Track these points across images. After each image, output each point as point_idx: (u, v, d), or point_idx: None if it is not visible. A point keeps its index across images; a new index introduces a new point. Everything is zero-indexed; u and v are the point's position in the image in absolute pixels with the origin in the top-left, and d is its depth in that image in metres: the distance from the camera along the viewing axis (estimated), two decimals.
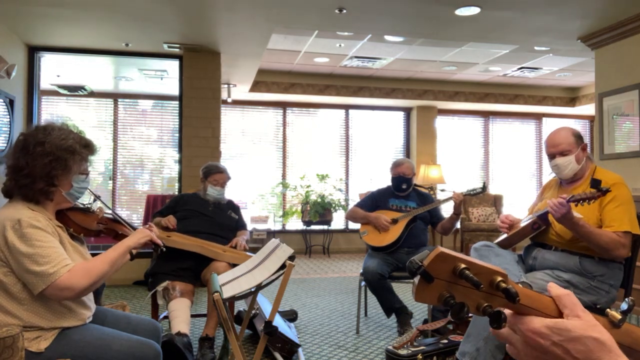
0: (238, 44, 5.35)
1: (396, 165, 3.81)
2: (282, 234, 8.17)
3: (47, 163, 1.73)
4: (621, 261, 2.36)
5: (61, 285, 1.61)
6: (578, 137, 2.45)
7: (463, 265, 0.66)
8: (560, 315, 0.70)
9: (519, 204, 8.65)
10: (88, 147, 1.86)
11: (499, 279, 0.67)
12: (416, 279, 0.66)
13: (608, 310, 0.73)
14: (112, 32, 5.00)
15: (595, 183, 2.19)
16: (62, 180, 1.78)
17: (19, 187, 1.73)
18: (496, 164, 9.14)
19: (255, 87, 7.48)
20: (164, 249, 1.98)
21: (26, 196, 1.74)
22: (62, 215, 1.87)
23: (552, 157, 2.44)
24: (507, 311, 0.71)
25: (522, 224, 2.50)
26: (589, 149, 2.51)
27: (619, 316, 0.72)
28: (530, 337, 0.69)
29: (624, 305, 0.73)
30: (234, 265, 2.77)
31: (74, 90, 7.08)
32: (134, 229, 2.11)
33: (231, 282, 1.96)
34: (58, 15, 4.51)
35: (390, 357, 2.71)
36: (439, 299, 0.66)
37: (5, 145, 4.82)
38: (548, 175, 2.66)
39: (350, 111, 8.67)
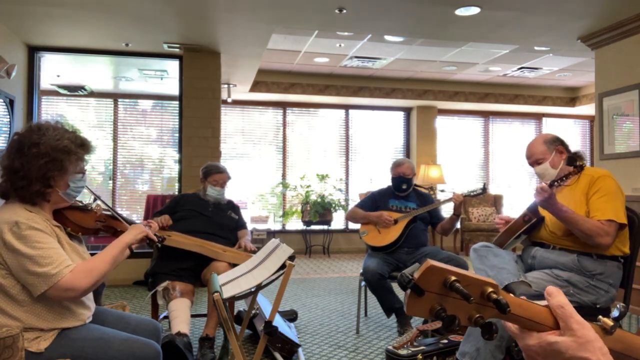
0: (238, 44, 5.35)
1: (396, 165, 3.81)
2: (282, 234, 8.17)
3: (43, 164, 1.71)
4: (620, 260, 2.37)
5: (64, 286, 1.61)
6: (550, 142, 2.53)
7: (453, 278, 0.66)
8: (554, 323, 0.70)
9: (519, 204, 8.66)
10: (84, 147, 1.84)
11: (490, 289, 0.68)
12: (407, 293, 0.66)
13: (600, 317, 0.73)
14: (112, 32, 5.00)
15: (570, 160, 2.28)
16: (58, 181, 1.77)
17: (15, 189, 1.72)
18: (496, 164, 9.15)
19: (255, 87, 7.48)
20: (159, 244, 1.99)
21: (23, 198, 1.72)
22: (60, 214, 1.85)
23: (531, 166, 2.58)
24: (510, 327, 0.72)
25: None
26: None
27: (611, 323, 0.72)
28: (528, 353, 0.71)
29: (616, 312, 0.74)
30: (234, 265, 2.77)
31: (74, 90, 7.08)
32: (132, 224, 2.10)
33: (231, 282, 1.96)
34: (58, 15, 4.51)
35: (390, 357, 2.71)
36: (430, 311, 0.67)
37: (5, 145, 4.82)
38: None
39: (350, 111, 8.67)
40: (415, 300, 0.66)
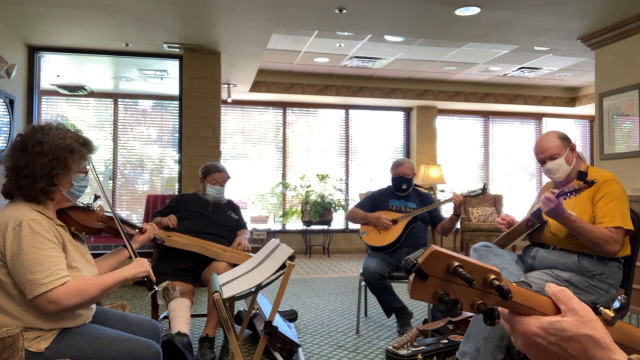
0: (238, 44, 5.35)
1: (397, 165, 3.81)
2: (282, 234, 8.17)
3: (47, 162, 1.73)
4: (620, 260, 2.37)
5: (50, 298, 1.59)
6: (565, 139, 2.47)
7: (457, 263, 0.67)
8: (555, 313, 0.70)
9: (519, 204, 8.66)
10: (86, 146, 1.86)
11: (492, 276, 0.68)
12: (411, 277, 0.67)
13: (601, 308, 0.73)
14: (112, 32, 5.00)
15: (581, 175, 2.21)
16: (62, 179, 1.78)
17: (20, 188, 1.73)
18: (496, 164, 9.14)
19: (255, 87, 7.48)
20: (156, 287, 1.99)
21: (27, 196, 1.73)
22: (63, 214, 1.87)
23: (542, 162, 2.49)
24: (504, 311, 0.72)
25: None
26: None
27: (611, 314, 0.73)
28: (528, 337, 0.70)
29: (617, 303, 0.74)
30: (234, 265, 2.77)
31: (74, 90, 7.08)
32: (133, 226, 2.11)
33: (231, 282, 1.96)
34: (58, 15, 4.51)
35: (390, 357, 2.71)
36: (433, 296, 0.67)
37: (5, 145, 4.82)
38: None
39: (350, 111, 8.67)
40: (419, 284, 0.67)
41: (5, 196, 1.80)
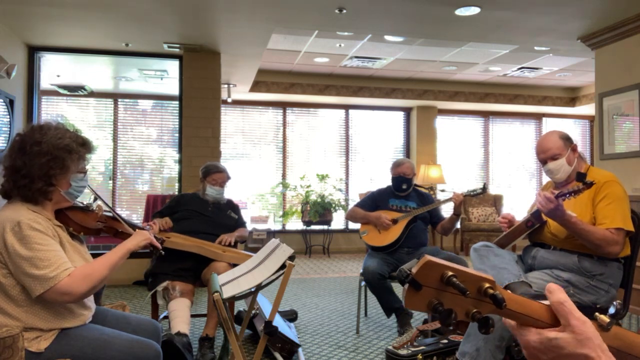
0: (238, 44, 5.35)
1: (397, 165, 3.81)
2: (282, 234, 8.17)
3: (45, 163, 1.72)
4: (620, 260, 2.37)
5: (61, 290, 1.60)
6: (566, 139, 2.47)
7: (450, 273, 0.67)
8: (551, 319, 0.71)
9: (519, 204, 8.66)
10: (85, 146, 1.85)
11: (487, 285, 0.69)
12: (405, 287, 0.67)
13: (597, 314, 0.73)
14: (112, 32, 5.00)
15: (580, 176, 2.21)
16: (60, 180, 1.78)
17: (18, 188, 1.73)
18: (496, 164, 9.15)
19: (255, 87, 7.48)
20: (163, 252, 2.00)
21: (25, 196, 1.73)
22: (62, 214, 1.86)
23: (544, 162, 2.48)
24: (511, 322, 0.73)
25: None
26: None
27: (607, 320, 0.73)
28: (529, 350, 0.72)
29: (612, 309, 0.75)
30: (234, 265, 2.77)
31: (74, 90, 7.08)
32: (133, 226, 2.11)
33: (231, 282, 1.96)
34: (58, 15, 4.51)
35: (390, 357, 2.71)
36: (428, 306, 0.68)
37: (5, 145, 4.82)
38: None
39: (350, 111, 8.67)
40: (413, 294, 0.67)
41: (3, 196, 1.79)
